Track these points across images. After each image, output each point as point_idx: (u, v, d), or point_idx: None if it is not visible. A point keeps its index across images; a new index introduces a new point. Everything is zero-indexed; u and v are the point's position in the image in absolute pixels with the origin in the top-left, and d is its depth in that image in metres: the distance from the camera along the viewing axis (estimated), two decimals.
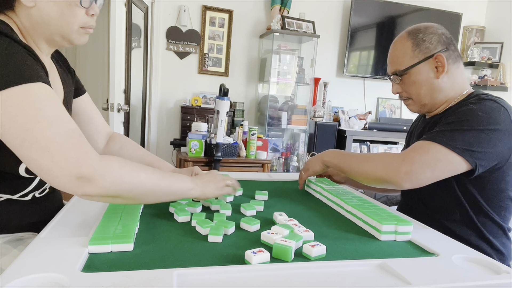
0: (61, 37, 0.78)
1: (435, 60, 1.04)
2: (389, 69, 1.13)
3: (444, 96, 1.07)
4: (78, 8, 0.76)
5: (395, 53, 1.10)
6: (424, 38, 1.05)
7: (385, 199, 2.03)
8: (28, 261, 0.59)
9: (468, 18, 4.01)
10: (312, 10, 3.63)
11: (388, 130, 3.59)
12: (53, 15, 0.74)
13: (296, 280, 0.60)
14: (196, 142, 2.54)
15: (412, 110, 1.14)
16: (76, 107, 1.01)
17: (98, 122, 1.07)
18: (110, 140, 1.10)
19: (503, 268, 0.68)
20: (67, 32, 0.78)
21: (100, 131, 1.08)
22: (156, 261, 0.64)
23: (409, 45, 1.06)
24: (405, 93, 1.11)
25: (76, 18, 0.77)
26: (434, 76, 1.04)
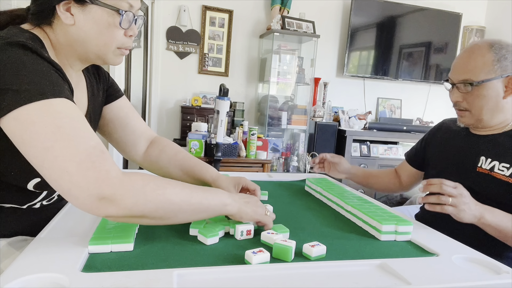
0: (96, 56, 0.77)
1: (509, 80, 1.01)
2: (458, 76, 1.06)
3: (503, 116, 1.06)
4: (117, 29, 0.74)
5: (473, 61, 1.03)
6: (506, 56, 1.01)
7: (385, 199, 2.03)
8: (28, 261, 0.59)
9: (468, 18, 4.01)
10: (312, 10, 3.63)
11: (388, 130, 3.59)
12: (91, 35, 0.73)
13: (296, 280, 0.60)
14: (196, 142, 2.54)
15: (463, 122, 1.10)
16: (109, 113, 0.97)
17: (135, 126, 1.01)
18: (151, 145, 1.05)
19: (503, 268, 0.68)
20: (104, 52, 0.76)
21: (139, 135, 1.02)
22: (156, 261, 0.64)
23: (490, 58, 1.01)
24: (465, 104, 1.06)
25: (114, 39, 0.75)
26: (502, 95, 1.02)
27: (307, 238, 0.80)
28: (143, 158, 1.04)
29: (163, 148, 1.03)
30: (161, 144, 1.04)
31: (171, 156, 1.02)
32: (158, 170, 1.03)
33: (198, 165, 1.01)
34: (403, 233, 0.82)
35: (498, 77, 1.01)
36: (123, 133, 0.99)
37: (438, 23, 3.81)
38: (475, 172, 1.07)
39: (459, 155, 1.14)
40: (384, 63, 3.80)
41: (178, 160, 1.01)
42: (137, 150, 1.03)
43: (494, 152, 1.05)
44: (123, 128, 0.99)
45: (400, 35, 3.77)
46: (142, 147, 1.03)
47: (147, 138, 1.04)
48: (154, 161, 1.02)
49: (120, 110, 0.99)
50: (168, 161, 1.01)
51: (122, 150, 1.02)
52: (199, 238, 0.74)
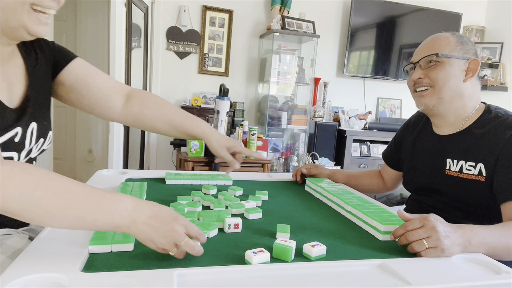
0: (16, 23, 0.69)
1: (469, 64, 1.04)
2: (422, 53, 1.07)
3: (460, 105, 1.06)
4: None
5: (436, 41, 1.07)
6: (467, 42, 1.06)
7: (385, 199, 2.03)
8: (28, 261, 0.59)
9: (468, 18, 4.01)
10: (312, 10, 3.63)
11: (388, 130, 3.59)
12: None
13: (296, 280, 0.60)
14: (196, 142, 2.54)
15: (423, 103, 1.07)
16: (66, 78, 0.91)
17: (100, 84, 0.93)
18: (129, 100, 0.96)
19: (503, 268, 0.68)
20: (20, 15, 0.68)
21: (107, 92, 0.94)
22: (156, 261, 0.64)
23: (453, 40, 1.05)
24: (427, 80, 1.06)
25: None
26: (462, 78, 1.04)
27: (307, 238, 0.80)
28: (122, 115, 0.97)
29: (144, 102, 0.96)
30: (140, 98, 0.97)
31: (156, 110, 0.95)
32: (143, 126, 0.97)
33: (187, 119, 0.94)
34: None
35: (460, 57, 1.03)
36: (89, 95, 0.92)
37: (438, 23, 3.81)
38: (444, 175, 1.08)
39: (428, 158, 1.14)
40: (384, 63, 3.80)
41: (164, 114, 0.95)
42: (112, 107, 0.95)
43: (459, 152, 1.05)
44: (87, 89, 0.92)
45: (400, 35, 3.77)
46: (117, 103, 0.96)
47: (120, 93, 0.97)
48: (137, 118, 0.96)
49: (78, 72, 0.92)
50: (152, 115, 0.95)
51: (97, 112, 0.96)
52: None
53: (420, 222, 0.75)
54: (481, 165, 0.99)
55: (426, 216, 0.76)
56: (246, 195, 1.10)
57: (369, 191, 1.38)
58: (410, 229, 0.75)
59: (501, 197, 0.94)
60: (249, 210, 0.92)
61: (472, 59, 1.04)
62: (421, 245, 0.72)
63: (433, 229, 0.73)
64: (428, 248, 0.72)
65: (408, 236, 0.74)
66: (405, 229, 0.76)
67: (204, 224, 0.79)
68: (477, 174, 1.00)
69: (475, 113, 1.07)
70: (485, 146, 1.00)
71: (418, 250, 0.72)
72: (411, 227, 0.75)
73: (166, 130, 0.95)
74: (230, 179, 1.25)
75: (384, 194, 1.83)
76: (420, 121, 1.23)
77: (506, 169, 0.94)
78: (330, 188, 1.14)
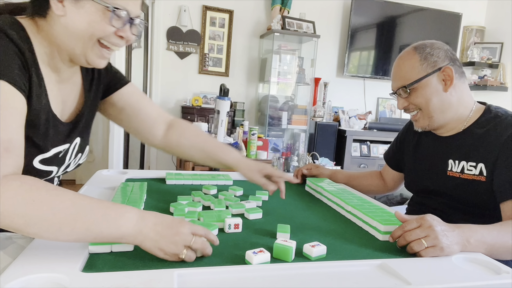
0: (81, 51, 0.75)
1: (442, 73, 1.03)
2: (395, 84, 1.10)
3: (454, 112, 1.06)
4: (107, 25, 0.72)
5: (402, 67, 1.08)
6: (431, 52, 1.04)
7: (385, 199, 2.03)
8: (28, 261, 0.59)
9: (468, 18, 4.01)
10: (312, 10, 3.63)
11: (388, 130, 3.59)
12: (79, 27, 0.72)
13: (296, 280, 0.60)
14: None
15: (420, 126, 1.11)
16: (119, 100, 0.97)
17: (149, 111, 1.00)
18: (169, 128, 1.04)
19: (503, 268, 0.68)
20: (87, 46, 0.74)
21: (154, 120, 1.02)
22: (157, 261, 0.64)
23: (416, 59, 1.05)
24: (413, 106, 1.08)
25: (101, 33, 0.73)
26: (443, 89, 1.04)
27: (307, 238, 0.80)
28: (162, 143, 1.04)
29: (182, 132, 1.04)
30: (180, 127, 1.04)
31: (192, 140, 1.03)
32: (180, 154, 1.05)
33: (219, 147, 1.02)
34: None
35: (430, 73, 1.03)
36: (137, 119, 1.00)
37: (438, 23, 3.81)
38: (446, 176, 1.08)
39: (430, 159, 1.14)
40: (384, 63, 3.80)
41: (199, 143, 1.02)
42: (155, 134, 1.03)
43: (460, 152, 1.05)
44: (136, 114, 0.99)
45: (400, 35, 3.77)
46: (159, 131, 1.04)
47: (163, 122, 1.05)
48: (175, 145, 1.04)
49: (130, 97, 0.99)
50: (189, 145, 1.03)
51: (141, 136, 1.03)
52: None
53: (417, 222, 0.76)
54: (482, 165, 0.99)
55: (423, 216, 0.76)
56: (246, 195, 1.10)
57: (370, 191, 1.37)
58: (408, 230, 0.75)
59: (501, 196, 0.94)
60: (249, 210, 0.92)
61: (444, 67, 1.03)
62: (420, 244, 0.72)
63: (430, 228, 0.73)
64: (427, 248, 0.72)
65: (406, 236, 0.75)
66: (403, 230, 0.76)
67: (204, 224, 0.79)
68: (478, 174, 1.00)
69: (474, 113, 1.07)
70: (485, 146, 1.00)
71: (417, 250, 0.72)
72: (408, 227, 0.75)
73: (200, 158, 1.03)
74: (230, 179, 1.25)
75: (384, 194, 1.83)
76: None
77: (506, 168, 0.94)
78: (330, 188, 1.14)
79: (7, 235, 0.81)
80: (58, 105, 0.82)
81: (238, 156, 1.00)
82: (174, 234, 0.63)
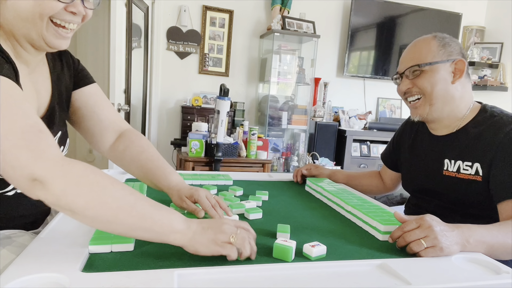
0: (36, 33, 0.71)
1: (455, 65, 1.03)
2: (405, 64, 1.07)
3: (454, 107, 1.06)
4: (54, 2, 0.69)
5: (418, 48, 1.06)
6: (449, 43, 1.05)
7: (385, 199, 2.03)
8: (28, 261, 0.59)
9: (468, 18, 4.01)
10: (312, 10, 3.63)
11: (388, 130, 3.59)
12: (26, 6, 0.68)
13: (296, 280, 0.60)
14: (196, 142, 2.54)
15: (418, 114, 1.08)
16: (78, 99, 0.93)
17: (104, 116, 0.96)
18: (119, 138, 0.99)
19: (503, 268, 0.68)
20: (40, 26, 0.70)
21: (106, 126, 0.96)
22: (157, 261, 0.64)
23: (434, 44, 1.05)
24: (416, 90, 1.06)
25: (49, 9, 0.69)
26: (450, 80, 1.03)
27: (307, 238, 0.80)
28: (109, 151, 0.99)
29: (128, 145, 0.97)
30: (127, 140, 0.98)
31: (135, 155, 0.95)
32: (122, 166, 0.99)
33: (160, 171, 0.93)
34: None
35: (444, 61, 1.03)
36: (90, 122, 0.95)
37: (438, 23, 3.81)
38: (442, 176, 1.07)
39: (425, 159, 1.14)
40: (384, 63, 3.80)
41: (141, 160, 0.95)
42: (104, 141, 0.97)
43: (456, 152, 1.05)
44: (90, 116, 0.95)
45: (400, 35, 3.77)
46: (109, 138, 0.98)
47: (116, 130, 0.99)
48: (119, 157, 0.98)
49: (89, 98, 0.94)
50: (131, 159, 0.95)
51: (89, 140, 0.98)
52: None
53: (417, 222, 0.76)
54: (478, 165, 0.99)
55: (422, 217, 0.77)
56: (246, 195, 1.10)
57: (369, 191, 1.38)
58: (407, 230, 0.75)
59: (498, 196, 0.94)
60: (249, 210, 0.92)
61: (458, 59, 1.03)
62: (420, 245, 0.72)
63: (429, 228, 0.73)
64: (426, 248, 0.72)
65: (406, 237, 0.75)
66: (402, 230, 0.76)
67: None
68: (474, 174, 1.00)
69: (471, 112, 1.07)
70: (480, 145, 1.00)
71: (417, 250, 0.72)
72: (408, 228, 0.76)
73: (138, 176, 0.96)
74: (230, 179, 1.25)
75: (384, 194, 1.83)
76: (417, 123, 1.23)
77: (502, 168, 0.94)
78: (330, 188, 1.14)
79: (6, 234, 0.81)
80: (33, 99, 0.79)
81: (174, 181, 0.90)
82: (220, 224, 0.67)
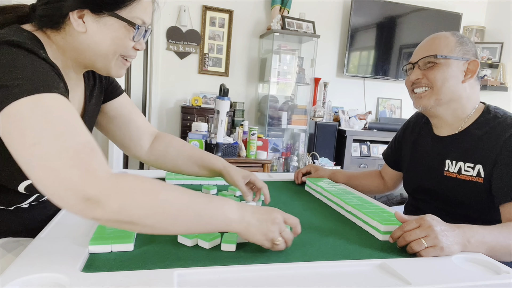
0: (102, 65, 0.76)
1: (468, 65, 1.03)
2: (421, 54, 1.06)
3: (459, 106, 1.05)
4: (129, 41, 0.74)
5: (436, 40, 1.06)
6: (467, 42, 1.05)
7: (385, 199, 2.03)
8: (28, 261, 0.59)
9: (468, 18, 4.01)
10: (312, 10, 3.63)
11: (388, 130, 3.59)
12: (102, 44, 0.72)
13: (296, 280, 0.60)
14: (196, 142, 2.54)
15: (423, 104, 1.06)
16: (112, 110, 0.98)
17: (139, 123, 1.03)
18: (155, 140, 1.07)
19: (503, 268, 0.68)
20: (109, 61, 0.75)
21: (143, 131, 1.03)
22: (156, 261, 0.64)
23: (453, 40, 1.04)
24: (425, 82, 1.05)
25: (124, 50, 0.75)
26: (461, 79, 1.03)
27: (307, 238, 0.80)
28: (148, 153, 1.06)
29: (169, 142, 1.06)
30: (166, 138, 1.07)
31: (179, 149, 1.05)
32: (166, 164, 1.06)
33: (206, 155, 1.05)
34: None
35: (459, 58, 1.02)
36: (127, 130, 1.00)
37: (438, 23, 3.81)
38: (443, 176, 1.07)
39: (427, 159, 1.14)
40: (384, 63, 3.80)
41: (186, 151, 1.05)
42: (142, 146, 1.04)
43: (458, 153, 1.05)
44: (127, 125, 1.00)
45: (400, 35, 3.77)
46: (146, 142, 1.05)
47: (150, 134, 1.07)
48: (162, 155, 1.05)
49: (123, 107, 1.00)
50: (176, 153, 1.04)
51: (126, 147, 1.03)
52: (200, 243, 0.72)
53: (417, 222, 0.76)
54: (480, 167, 0.99)
55: (423, 217, 0.76)
56: None
57: (370, 191, 1.37)
58: (407, 230, 0.75)
59: (500, 199, 0.94)
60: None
61: (472, 60, 1.03)
62: (420, 244, 0.72)
63: (430, 228, 0.73)
64: (427, 248, 0.72)
65: (406, 236, 0.75)
66: (402, 230, 0.76)
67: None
68: (476, 176, 1.00)
69: (474, 113, 1.06)
70: (483, 147, 0.99)
71: (418, 250, 0.72)
72: (408, 227, 0.76)
73: (187, 166, 1.04)
74: None
75: (384, 194, 1.83)
76: (419, 122, 1.22)
77: (505, 170, 0.94)
78: (330, 188, 1.14)
79: (14, 239, 0.81)
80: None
81: (225, 162, 1.03)
82: (272, 220, 0.68)
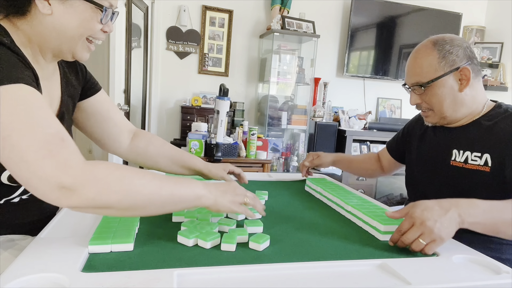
0: (67, 48, 0.76)
1: (460, 73, 1.01)
2: (410, 79, 1.07)
3: (467, 110, 1.05)
4: (96, 23, 0.74)
5: (419, 63, 1.04)
6: (451, 50, 1.01)
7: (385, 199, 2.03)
8: (28, 261, 0.59)
9: (468, 18, 4.01)
10: (312, 10, 3.63)
11: (388, 130, 3.59)
12: (69, 26, 0.72)
13: (296, 280, 0.60)
14: (196, 142, 2.54)
15: (430, 122, 1.11)
16: (90, 107, 0.97)
17: (117, 119, 1.02)
18: (135, 138, 1.07)
19: (503, 268, 0.68)
20: (75, 43, 0.75)
21: (121, 129, 1.03)
22: (156, 261, 0.64)
23: (434, 56, 1.01)
24: (425, 105, 1.07)
25: (91, 32, 0.75)
26: (458, 89, 1.02)
27: (307, 238, 0.80)
28: (128, 151, 1.06)
29: (150, 140, 1.07)
30: (146, 136, 1.08)
31: (159, 148, 1.07)
32: (146, 162, 1.07)
33: (186, 155, 1.08)
34: None
35: (447, 73, 1.00)
36: (105, 127, 1.00)
37: (438, 23, 3.81)
38: (449, 166, 1.07)
39: (433, 150, 1.14)
40: (384, 63, 3.80)
41: (166, 150, 1.07)
42: (121, 143, 1.04)
43: (465, 143, 1.04)
44: (106, 122, 1.00)
45: (400, 35, 3.76)
46: (125, 139, 1.05)
47: (129, 131, 1.07)
48: (142, 153, 1.06)
49: (101, 104, 0.99)
50: (157, 152, 1.06)
51: (105, 144, 1.03)
52: (200, 243, 0.73)
53: (409, 222, 0.76)
54: (487, 156, 0.98)
55: (412, 213, 0.77)
56: None
57: (368, 175, 1.48)
58: (403, 232, 0.76)
59: None
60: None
61: (462, 67, 1.00)
62: (419, 244, 0.73)
63: (422, 224, 0.74)
64: (427, 245, 0.73)
65: (404, 241, 0.76)
66: (399, 233, 0.77)
67: (204, 223, 0.79)
68: (483, 165, 0.99)
69: (486, 108, 1.06)
70: (493, 137, 0.99)
71: (418, 250, 0.73)
72: (403, 228, 0.77)
73: (167, 165, 1.07)
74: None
75: (384, 194, 1.84)
76: None
77: None
78: (330, 188, 1.14)
79: (9, 237, 0.81)
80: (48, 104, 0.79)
81: (203, 161, 1.08)
82: (233, 188, 0.78)
